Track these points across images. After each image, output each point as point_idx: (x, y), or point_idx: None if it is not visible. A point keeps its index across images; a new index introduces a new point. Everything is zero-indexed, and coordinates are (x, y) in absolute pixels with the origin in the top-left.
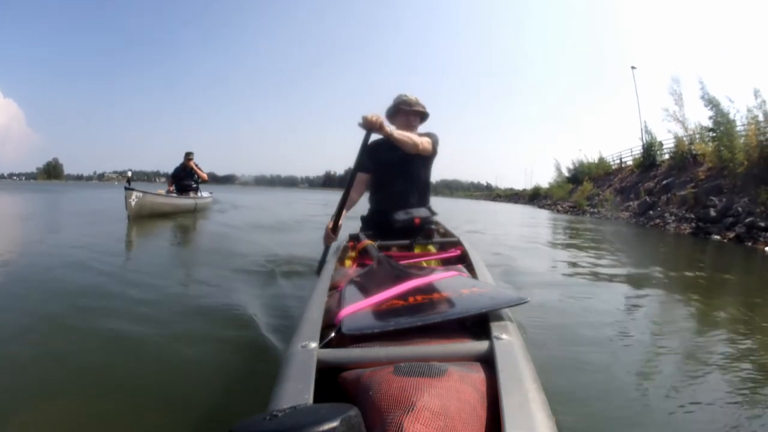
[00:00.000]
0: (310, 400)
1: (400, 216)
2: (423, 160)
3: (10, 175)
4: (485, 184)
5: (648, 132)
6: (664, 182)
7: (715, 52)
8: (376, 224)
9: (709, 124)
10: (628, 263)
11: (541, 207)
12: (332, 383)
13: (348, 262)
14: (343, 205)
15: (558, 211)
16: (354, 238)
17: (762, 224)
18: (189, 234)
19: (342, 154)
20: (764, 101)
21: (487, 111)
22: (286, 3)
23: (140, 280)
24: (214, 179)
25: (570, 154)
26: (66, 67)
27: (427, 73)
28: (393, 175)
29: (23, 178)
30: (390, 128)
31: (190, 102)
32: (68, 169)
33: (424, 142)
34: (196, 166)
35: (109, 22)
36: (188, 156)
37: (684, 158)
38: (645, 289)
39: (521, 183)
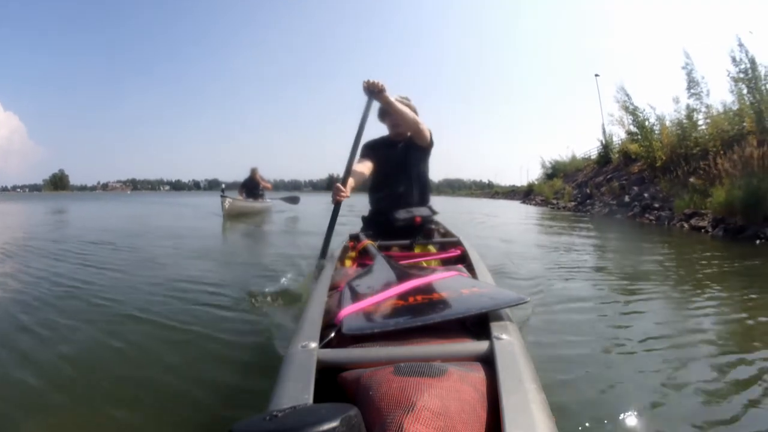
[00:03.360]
0: (310, 400)
1: (401, 215)
2: (421, 154)
3: (14, 188)
4: (487, 182)
5: (605, 133)
6: (609, 177)
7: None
8: (377, 224)
9: (632, 128)
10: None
11: (523, 202)
12: (332, 383)
13: (348, 262)
14: (349, 168)
15: (534, 204)
16: (354, 238)
17: (656, 205)
18: (254, 228)
19: (343, 154)
20: (688, 105)
21: (486, 108)
22: (268, 4)
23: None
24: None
25: (563, 150)
26: (64, 79)
27: (422, 69)
28: (392, 173)
29: (27, 189)
30: (391, 97)
31: (185, 110)
32: (71, 180)
33: (423, 124)
34: (262, 178)
35: (105, 27)
36: (254, 171)
37: (624, 156)
38: (599, 276)
39: (519, 180)
